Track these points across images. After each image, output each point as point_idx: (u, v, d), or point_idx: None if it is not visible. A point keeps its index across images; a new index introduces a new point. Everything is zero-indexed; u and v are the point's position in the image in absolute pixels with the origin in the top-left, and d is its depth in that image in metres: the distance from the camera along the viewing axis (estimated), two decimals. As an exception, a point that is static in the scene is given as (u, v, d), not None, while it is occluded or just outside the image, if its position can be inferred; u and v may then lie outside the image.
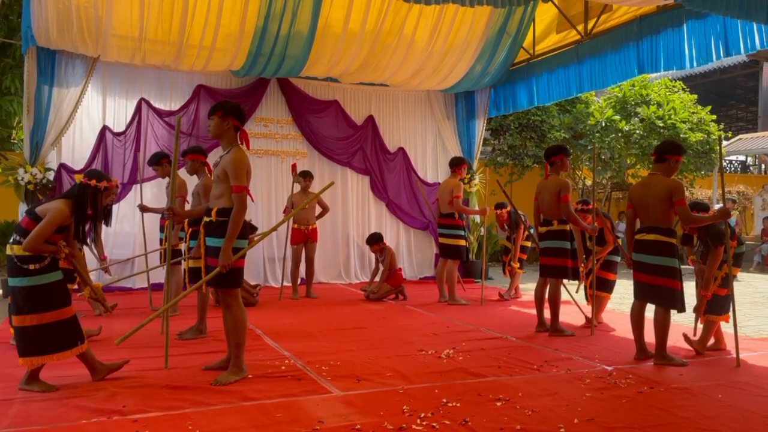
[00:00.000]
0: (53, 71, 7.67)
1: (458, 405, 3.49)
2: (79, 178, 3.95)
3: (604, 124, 12.38)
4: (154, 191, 8.27)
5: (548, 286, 5.68)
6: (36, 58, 7.48)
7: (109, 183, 4.03)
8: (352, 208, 9.75)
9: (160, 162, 6.14)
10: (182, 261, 5.67)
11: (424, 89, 10.02)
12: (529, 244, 7.89)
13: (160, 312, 4.03)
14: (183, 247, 5.81)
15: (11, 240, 3.74)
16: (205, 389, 3.76)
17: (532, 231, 7.00)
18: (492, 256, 11.83)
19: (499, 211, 7.79)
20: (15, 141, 11.11)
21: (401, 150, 10.03)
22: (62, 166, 7.93)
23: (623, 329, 5.70)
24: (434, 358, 4.63)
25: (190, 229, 5.33)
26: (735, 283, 5.02)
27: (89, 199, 3.89)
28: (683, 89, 13.73)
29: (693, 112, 12.96)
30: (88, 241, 4.06)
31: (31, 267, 3.67)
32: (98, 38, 7.48)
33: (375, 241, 7.79)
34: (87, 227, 3.93)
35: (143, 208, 6.33)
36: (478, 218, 10.19)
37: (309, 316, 6.52)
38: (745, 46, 6.40)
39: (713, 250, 4.75)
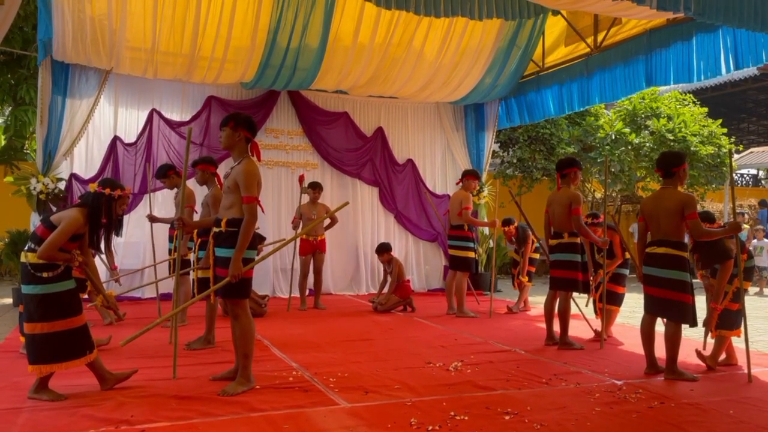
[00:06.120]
0: (67, 82, 7.79)
1: (466, 418, 3.47)
2: (93, 187, 3.99)
3: (613, 137, 12.35)
4: (163, 201, 8.32)
5: (558, 299, 5.66)
6: (50, 70, 7.59)
7: (122, 192, 4.07)
8: (362, 219, 9.76)
9: (168, 174, 6.19)
10: (191, 271, 5.69)
11: (434, 101, 10.05)
12: (537, 256, 7.86)
13: (165, 318, 4.04)
14: (192, 257, 5.83)
15: (26, 248, 3.78)
16: (212, 400, 3.76)
17: (541, 242, 6.97)
18: (501, 268, 11.79)
19: (506, 228, 7.75)
20: (28, 151, 11.23)
21: (410, 162, 10.05)
22: (73, 176, 8.01)
23: (633, 343, 5.65)
24: (442, 370, 4.61)
25: (199, 240, 5.35)
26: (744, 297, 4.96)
27: (103, 208, 3.92)
28: (693, 102, 13.67)
29: (704, 126, 12.89)
30: (102, 249, 4.10)
31: (45, 275, 3.70)
32: (112, 50, 7.59)
33: (384, 250, 7.79)
34: (101, 235, 3.96)
35: (152, 219, 6.38)
36: (487, 230, 10.17)
37: (317, 327, 6.52)
38: (753, 59, 6.40)
39: (721, 264, 4.71)
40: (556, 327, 5.66)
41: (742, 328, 4.65)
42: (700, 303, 4.59)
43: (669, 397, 3.97)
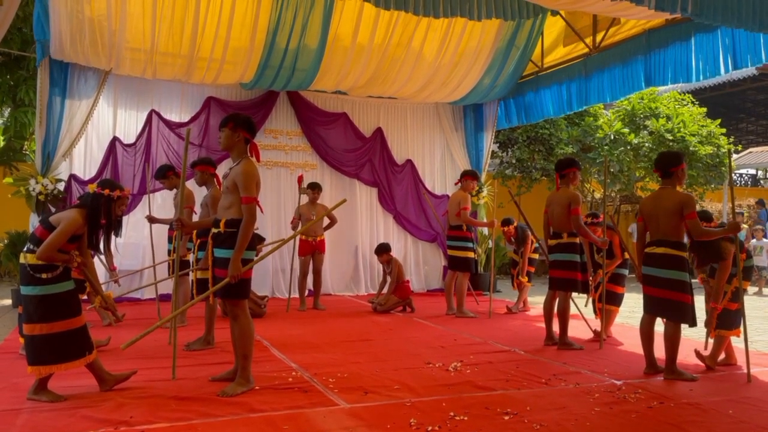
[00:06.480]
0: (66, 83, 7.79)
1: (466, 418, 3.47)
2: (92, 187, 3.99)
3: (612, 137, 12.36)
4: (162, 202, 8.32)
5: (557, 300, 5.66)
6: (49, 70, 7.59)
7: (121, 192, 4.07)
8: (361, 220, 9.75)
9: (167, 175, 6.19)
10: (190, 272, 5.69)
11: (433, 102, 10.05)
12: (536, 256, 7.87)
13: (164, 321, 4.04)
14: (191, 258, 5.83)
15: (25, 249, 3.78)
16: (212, 400, 3.76)
17: (540, 242, 6.97)
18: (500, 268, 11.79)
19: (505, 228, 7.76)
20: (27, 152, 11.22)
21: (409, 162, 10.05)
22: (72, 177, 8.00)
23: (632, 343, 5.65)
24: (442, 370, 4.61)
25: (199, 240, 5.34)
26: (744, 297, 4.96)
27: (102, 208, 3.92)
28: (692, 102, 13.68)
29: (702, 125, 12.90)
30: (101, 249, 4.09)
31: (44, 276, 3.70)
32: (111, 51, 7.58)
33: (383, 250, 7.79)
34: (100, 236, 3.96)
35: (151, 219, 6.37)
36: (486, 230, 10.17)
37: (316, 327, 6.52)
38: (752, 59, 6.40)
39: (718, 264, 4.72)
40: (556, 327, 5.66)
41: (742, 328, 4.66)
42: (700, 303, 4.59)
43: (668, 397, 3.97)
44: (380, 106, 9.95)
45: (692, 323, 4.45)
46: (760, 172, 24.29)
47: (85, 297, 4.90)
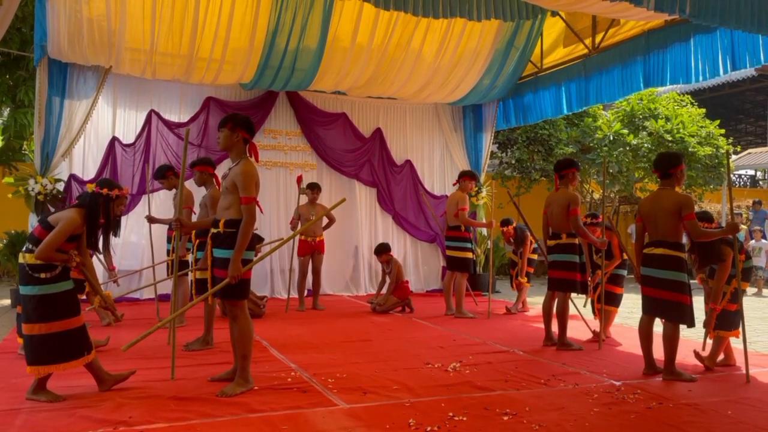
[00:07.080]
0: (65, 83, 7.79)
1: (465, 419, 3.47)
2: (91, 187, 3.98)
3: (612, 138, 12.36)
4: (162, 202, 8.31)
5: (556, 300, 5.66)
6: (48, 70, 7.58)
7: (120, 191, 4.07)
8: (360, 220, 9.75)
9: (166, 175, 6.19)
10: (189, 272, 5.68)
11: (432, 102, 10.05)
12: (536, 256, 7.88)
13: (165, 322, 4.04)
14: (190, 258, 5.83)
15: (24, 248, 3.78)
16: (211, 401, 3.76)
17: (539, 243, 6.97)
18: (499, 269, 11.79)
19: (504, 228, 7.77)
20: (26, 152, 11.20)
21: (408, 162, 10.05)
22: (72, 176, 8.00)
23: (631, 344, 5.65)
24: (441, 371, 4.62)
25: (198, 241, 5.34)
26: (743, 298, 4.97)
27: (101, 208, 3.92)
28: (692, 103, 13.69)
29: (701, 126, 12.91)
30: (100, 249, 4.09)
31: (42, 276, 3.70)
32: (110, 51, 7.58)
33: (383, 250, 7.80)
34: (99, 236, 3.96)
35: (151, 219, 6.37)
36: (485, 231, 10.17)
37: (315, 328, 6.52)
38: (751, 60, 6.42)
39: (718, 264, 4.72)
40: (555, 328, 5.67)
41: (741, 329, 4.66)
42: (698, 303, 4.59)
43: (667, 398, 3.98)
44: (379, 106, 9.95)
45: (691, 324, 4.45)
46: (758, 173, 24.32)
47: (84, 297, 4.90)
